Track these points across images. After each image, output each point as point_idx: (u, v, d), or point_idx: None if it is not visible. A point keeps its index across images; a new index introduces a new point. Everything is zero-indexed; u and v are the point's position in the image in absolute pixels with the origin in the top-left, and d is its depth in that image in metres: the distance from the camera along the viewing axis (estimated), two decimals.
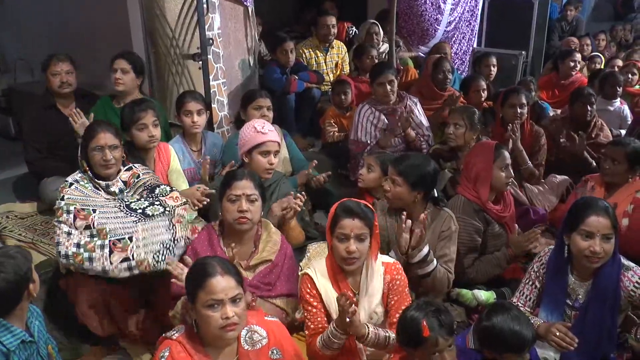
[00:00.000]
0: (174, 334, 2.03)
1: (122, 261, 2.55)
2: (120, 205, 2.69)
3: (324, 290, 2.34)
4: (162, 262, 2.60)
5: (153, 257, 2.60)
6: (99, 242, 2.55)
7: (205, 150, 3.75)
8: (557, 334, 2.25)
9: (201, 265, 2.02)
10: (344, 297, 2.09)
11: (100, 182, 2.77)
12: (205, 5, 4.04)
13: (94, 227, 2.57)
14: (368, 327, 2.23)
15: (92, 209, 2.62)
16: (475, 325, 2.26)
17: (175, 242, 2.65)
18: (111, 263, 2.54)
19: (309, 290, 2.35)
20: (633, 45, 7.71)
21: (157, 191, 2.83)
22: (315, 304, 2.34)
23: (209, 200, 2.99)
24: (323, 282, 2.35)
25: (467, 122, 3.71)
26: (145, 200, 2.74)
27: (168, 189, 2.86)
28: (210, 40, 4.18)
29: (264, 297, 2.52)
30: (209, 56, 4.24)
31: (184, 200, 2.83)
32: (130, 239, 2.58)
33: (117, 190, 2.79)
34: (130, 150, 3.24)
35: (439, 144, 4.02)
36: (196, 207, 2.99)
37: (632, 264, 2.47)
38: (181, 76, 4.28)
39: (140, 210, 2.67)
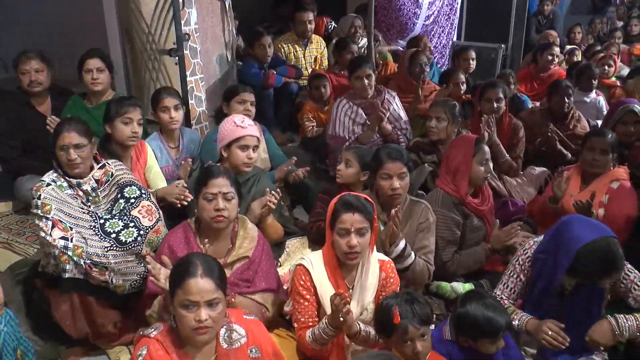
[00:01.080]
0: (151, 332, 2.01)
1: (102, 281, 2.57)
2: (94, 226, 2.63)
3: (319, 284, 2.34)
4: (138, 287, 2.65)
5: (130, 284, 2.65)
6: (74, 258, 2.51)
7: (182, 147, 3.71)
8: (550, 333, 2.27)
9: (185, 263, 2.01)
10: (338, 297, 2.09)
11: (72, 180, 2.72)
12: (181, 0, 3.99)
13: (70, 242, 2.52)
14: (359, 326, 2.24)
15: (69, 226, 2.57)
16: (451, 315, 2.29)
17: None
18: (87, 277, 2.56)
19: (302, 283, 2.34)
20: (609, 37, 7.79)
21: (126, 191, 2.78)
22: (308, 297, 2.33)
23: (189, 199, 2.96)
24: (319, 275, 2.35)
25: (448, 116, 3.71)
26: (119, 220, 2.68)
27: (138, 192, 2.80)
28: (187, 36, 4.13)
29: (243, 294, 2.50)
30: (186, 52, 4.19)
31: (158, 216, 2.78)
32: (106, 267, 2.56)
33: (89, 189, 2.74)
34: (107, 147, 3.20)
35: (419, 137, 4.02)
36: (179, 205, 2.98)
37: None
38: (158, 72, 4.22)
39: (114, 235, 2.62)
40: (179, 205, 3.03)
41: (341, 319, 2.12)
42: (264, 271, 2.56)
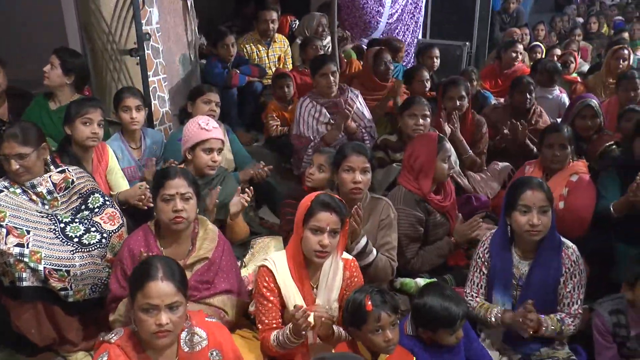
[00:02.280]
0: (112, 337, 1.98)
1: (59, 290, 2.51)
2: (55, 230, 2.56)
3: (283, 284, 2.33)
4: (99, 292, 2.60)
5: (91, 288, 2.59)
6: (31, 264, 2.45)
7: (145, 148, 3.67)
8: (530, 323, 2.35)
9: (145, 266, 1.99)
10: (299, 312, 2.10)
11: (25, 183, 2.65)
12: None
13: (26, 248, 2.46)
14: (334, 328, 2.27)
15: (26, 230, 2.49)
16: (411, 308, 2.33)
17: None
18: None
19: (266, 284, 2.32)
20: (570, 35, 7.95)
21: (90, 201, 2.73)
22: (271, 298, 2.32)
23: (151, 204, 2.91)
24: (283, 275, 2.34)
25: (430, 113, 3.74)
26: (80, 224, 2.62)
27: (101, 200, 2.75)
28: (148, 35, 4.09)
29: (200, 301, 2.47)
30: (147, 51, 4.15)
31: (121, 221, 2.74)
32: (68, 272, 2.50)
33: (44, 191, 2.67)
34: (68, 149, 3.13)
35: (387, 135, 4.03)
36: (145, 207, 2.95)
37: (571, 243, 2.56)
38: (119, 72, 4.16)
39: (76, 239, 2.56)
40: (145, 208, 2.99)
41: (303, 332, 2.14)
42: (225, 272, 2.53)
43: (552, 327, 2.41)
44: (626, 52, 5.48)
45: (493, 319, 2.48)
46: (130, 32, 4.04)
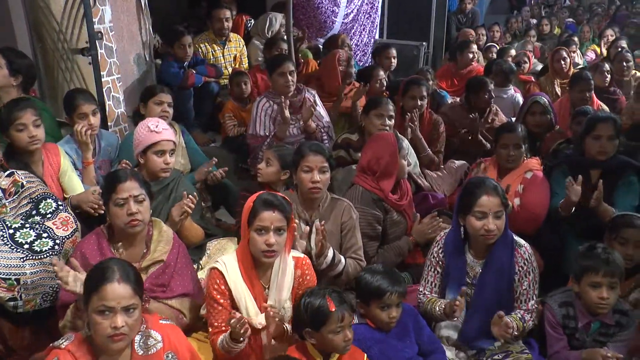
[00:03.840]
0: (62, 342, 1.93)
1: (7, 300, 2.41)
2: (2, 236, 2.47)
3: (234, 286, 2.30)
4: (51, 301, 2.51)
5: (42, 297, 2.50)
6: None
7: (99, 150, 3.58)
8: (457, 304, 2.40)
9: (101, 268, 1.95)
10: (235, 321, 2.09)
11: None
12: None
13: None
14: (286, 327, 2.26)
15: None
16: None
17: None
18: None
19: (216, 287, 2.30)
20: (524, 36, 8.15)
21: (41, 206, 2.64)
22: (222, 301, 2.29)
23: (102, 211, 2.86)
24: (234, 277, 2.31)
25: (394, 113, 3.77)
26: (31, 230, 2.54)
27: (54, 205, 2.67)
28: (99, 34, 3.98)
29: (159, 299, 2.43)
30: (100, 51, 4.04)
31: (74, 226, 2.67)
32: (18, 281, 2.41)
33: None
34: (13, 153, 3.03)
35: (348, 133, 4.03)
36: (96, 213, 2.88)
37: (523, 242, 2.61)
38: (71, 72, 4.04)
39: (27, 245, 2.47)
40: (96, 215, 2.93)
41: (241, 339, 2.13)
42: (180, 275, 2.50)
43: (516, 326, 2.44)
44: (564, 53, 5.67)
45: (438, 312, 2.52)
46: (82, 31, 3.93)
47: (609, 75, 5.35)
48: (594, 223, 3.17)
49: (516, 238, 2.61)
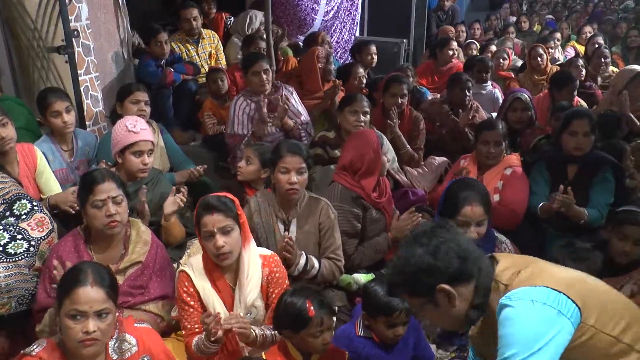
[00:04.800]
0: (34, 349, 1.89)
1: None
2: None
3: (201, 288, 2.29)
4: (27, 304, 2.46)
5: (17, 300, 2.45)
6: None
7: (77, 150, 3.54)
8: None
9: (74, 271, 1.92)
10: (207, 318, 2.07)
11: None
12: None
13: None
14: (255, 331, 2.22)
15: None
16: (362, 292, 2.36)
17: None
18: None
19: (185, 289, 2.28)
20: (504, 33, 8.21)
21: (15, 207, 2.59)
22: (192, 303, 2.27)
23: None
24: (200, 279, 2.30)
25: (369, 109, 3.77)
26: (5, 232, 2.48)
27: (29, 206, 2.62)
28: (76, 32, 3.92)
29: (135, 307, 2.40)
30: (78, 49, 3.98)
31: (50, 227, 2.62)
32: None
33: None
34: None
35: (324, 131, 4.03)
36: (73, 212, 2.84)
37: (504, 237, 2.62)
38: (47, 71, 3.97)
39: (0, 248, 2.43)
40: (74, 212, 2.89)
41: (212, 338, 2.10)
42: (159, 276, 2.48)
43: None
44: (540, 49, 5.75)
45: None
46: (58, 29, 3.85)
47: (583, 70, 5.44)
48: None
49: (497, 234, 2.62)
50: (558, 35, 7.96)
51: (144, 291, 2.43)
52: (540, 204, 3.29)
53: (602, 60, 5.90)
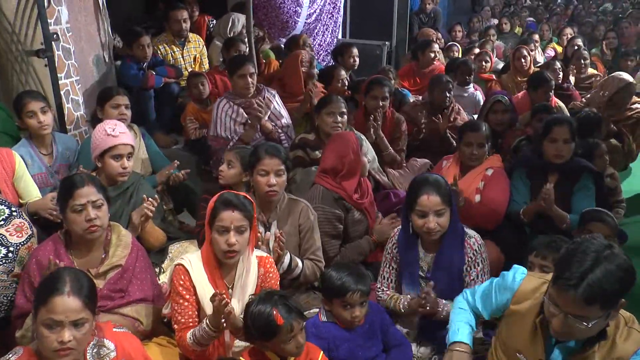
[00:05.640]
0: (9, 357, 1.87)
1: None
2: None
3: (199, 284, 2.29)
4: (5, 311, 2.44)
5: None
6: None
7: (57, 154, 3.52)
8: (423, 301, 2.41)
9: (52, 278, 1.89)
10: (217, 297, 2.06)
11: None
12: None
13: None
14: (243, 322, 2.21)
15: None
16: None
17: None
18: None
19: (182, 282, 2.29)
20: (485, 35, 8.28)
21: None
22: (187, 297, 2.28)
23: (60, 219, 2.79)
24: (198, 274, 2.30)
25: (347, 110, 3.77)
26: None
27: (7, 211, 2.59)
28: (55, 35, 3.89)
29: (113, 311, 2.39)
30: (58, 52, 3.95)
31: (30, 232, 2.60)
32: None
33: None
34: None
35: (304, 133, 4.04)
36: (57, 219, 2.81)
37: (474, 233, 2.64)
38: (27, 75, 3.93)
39: None
40: (56, 221, 2.87)
41: (222, 319, 2.10)
42: (140, 279, 2.46)
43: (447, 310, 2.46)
44: (524, 51, 5.82)
45: (401, 308, 2.55)
46: (37, 32, 3.82)
47: (560, 73, 5.51)
48: (553, 221, 3.24)
49: (466, 229, 2.64)
50: (537, 37, 8.05)
51: (124, 294, 2.41)
52: (523, 209, 3.32)
53: (582, 62, 6.00)
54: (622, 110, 4.92)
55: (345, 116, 3.75)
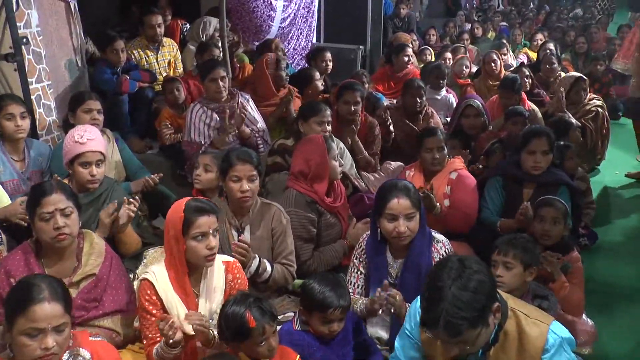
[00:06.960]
0: None
1: None
2: None
3: (164, 295, 2.27)
4: None
5: None
6: None
7: (29, 160, 3.48)
8: (378, 297, 2.39)
9: (26, 286, 1.84)
10: (163, 323, 2.07)
11: None
12: (14, 0, 3.69)
13: None
14: (213, 332, 2.21)
15: None
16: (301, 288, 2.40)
17: None
18: None
19: (147, 298, 2.26)
20: (458, 40, 8.39)
21: None
22: (154, 312, 2.25)
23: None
24: (164, 286, 2.28)
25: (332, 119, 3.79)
26: None
27: None
28: (25, 39, 3.83)
29: (89, 323, 2.36)
30: (28, 56, 3.90)
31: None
32: None
33: None
34: None
35: (283, 139, 4.04)
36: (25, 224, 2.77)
37: (442, 237, 2.68)
38: None
39: None
40: (25, 225, 2.82)
41: (170, 341, 2.10)
42: (114, 288, 2.43)
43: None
44: (494, 55, 5.93)
45: (359, 310, 2.53)
46: (5, 36, 3.76)
47: (528, 80, 5.64)
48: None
49: (434, 234, 2.67)
50: (505, 42, 8.18)
51: (98, 305, 2.38)
52: (500, 221, 3.36)
53: (553, 66, 6.13)
54: (580, 106, 5.27)
55: (330, 124, 3.75)
